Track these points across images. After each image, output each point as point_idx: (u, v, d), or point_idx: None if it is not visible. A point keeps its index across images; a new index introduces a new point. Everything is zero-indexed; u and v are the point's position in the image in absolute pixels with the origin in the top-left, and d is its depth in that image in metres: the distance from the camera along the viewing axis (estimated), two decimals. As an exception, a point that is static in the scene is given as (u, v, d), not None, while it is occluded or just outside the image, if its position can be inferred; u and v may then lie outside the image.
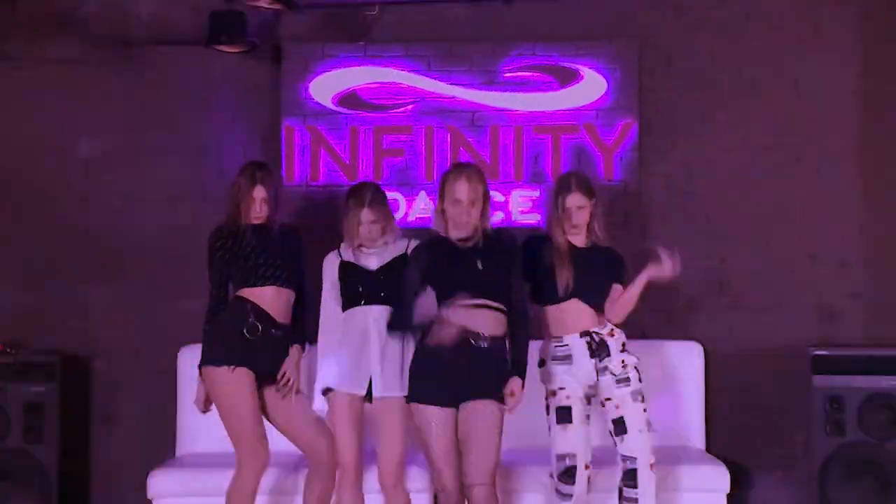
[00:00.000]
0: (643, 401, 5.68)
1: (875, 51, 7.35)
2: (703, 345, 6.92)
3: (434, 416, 5.36)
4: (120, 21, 7.29)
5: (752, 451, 7.05)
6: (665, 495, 5.87)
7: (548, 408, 5.69)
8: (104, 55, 7.45)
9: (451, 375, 5.33)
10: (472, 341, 5.31)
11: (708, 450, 6.78)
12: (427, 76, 7.46)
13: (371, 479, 5.82)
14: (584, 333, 5.67)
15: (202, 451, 6.82)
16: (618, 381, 5.65)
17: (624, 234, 6.62)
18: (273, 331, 5.64)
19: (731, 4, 7.38)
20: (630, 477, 5.59)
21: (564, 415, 5.60)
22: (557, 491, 5.62)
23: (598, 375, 5.67)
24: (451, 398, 5.37)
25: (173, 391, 7.06)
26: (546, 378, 5.71)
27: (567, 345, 5.67)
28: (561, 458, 5.58)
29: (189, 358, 6.77)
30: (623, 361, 5.68)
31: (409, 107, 7.45)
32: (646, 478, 5.57)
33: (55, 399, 6.80)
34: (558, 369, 5.67)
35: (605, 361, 5.66)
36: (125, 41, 7.40)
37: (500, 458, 5.42)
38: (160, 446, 7.05)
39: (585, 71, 7.39)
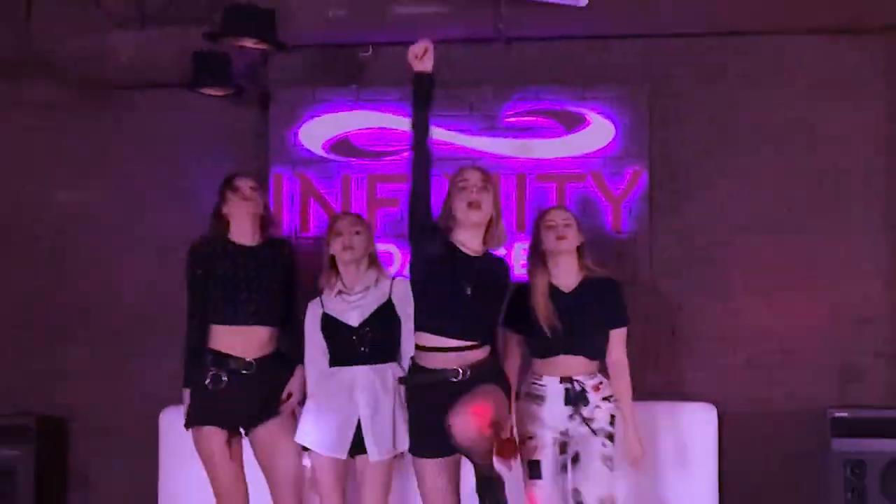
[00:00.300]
0: (609, 439, 5.33)
1: None
2: (716, 406, 6.65)
3: (427, 470, 5.16)
4: (99, 63, 7.16)
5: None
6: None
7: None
8: (83, 99, 7.42)
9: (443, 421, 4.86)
10: (453, 379, 5.01)
11: (721, 518, 6.55)
12: (424, 121, 7.33)
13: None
14: (566, 379, 5.33)
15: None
16: (582, 422, 5.32)
17: (632, 291, 6.40)
18: (244, 371, 5.53)
19: (750, 46, 7.26)
20: None
21: (534, 470, 5.31)
22: None
23: (569, 421, 5.33)
24: (449, 446, 4.93)
25: (154, 454, 6.92)
26: (517, 416, 5.40)
27: (544, 385, 5.36)
28: None
29: (171, 420, 6.71)
30: (597, 406, 5.35)
31: (405, 154, 6.81)
32: None
33: (30, 463, 6.79)
34: (529, 408, 5.38)
35: (583, 410, 5.34)
36: (105, 84, 7.33)
37: None
38: None
39: (592, 116, 7.25)
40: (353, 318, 5.50)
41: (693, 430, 6.65)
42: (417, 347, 5.12)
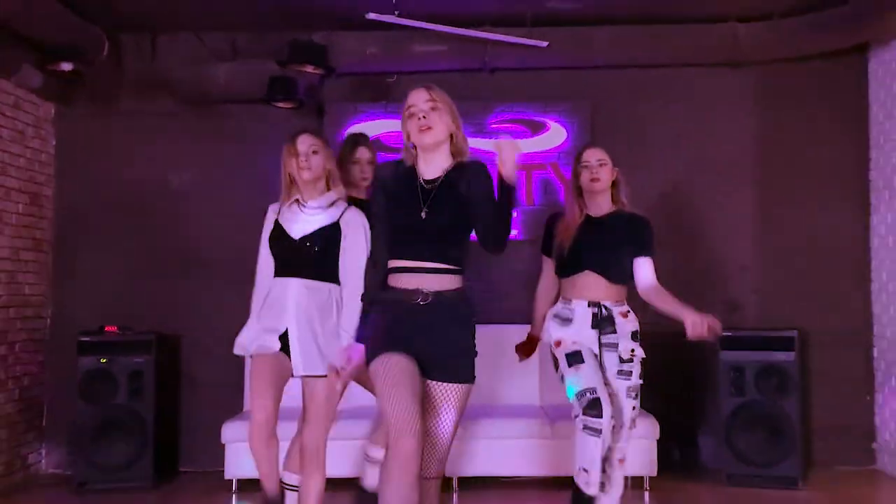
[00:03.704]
0: (636, 398, 4.37)
1: (766, 107, 7.31)
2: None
3: (383, 362, 3.46)
4: (203, 84, 7.08)
5: (674, 408, 6.79)
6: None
7: (555, 361, 4.32)
8: (191, 110, 7.33)
9: (407, 335, 3.50)
10: (420, 302, 3.50)
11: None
12: (433, 127, 7.20)
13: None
14: (593, 304, 4.28)
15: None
16: (619, 372, 4.30)
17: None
18: None
19: (661, 75, 7.29)
20: (602, 462, 4.32)
21: (575, 357, 4.20)
22: (586, 427, 4.12)
23: (601, 348, 4.30)
24: (411, 351, 3.50)
25: (242, 361, 6.57)
26: (547, 334, 4.41)
27: (572, 308, 4.29)
28: (582, 393, 4.12)
29: None
30: (633, 351, 4.34)
31: None
32: (617, 471, 4.37)
33: (152, 367, 6.57)
34: (559, 328, 4.32)
35: (611, 337, 4.30)
36: (207, 100, 7.24)
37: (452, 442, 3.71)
38: (232, 403, 6.89)
39: (551, 123, 7.26)
40: (296, 231, 4.16)
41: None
42: (388, 271, 3.59)
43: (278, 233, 4.22)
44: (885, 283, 6.83)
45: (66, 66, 6.31)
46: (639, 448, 5.91)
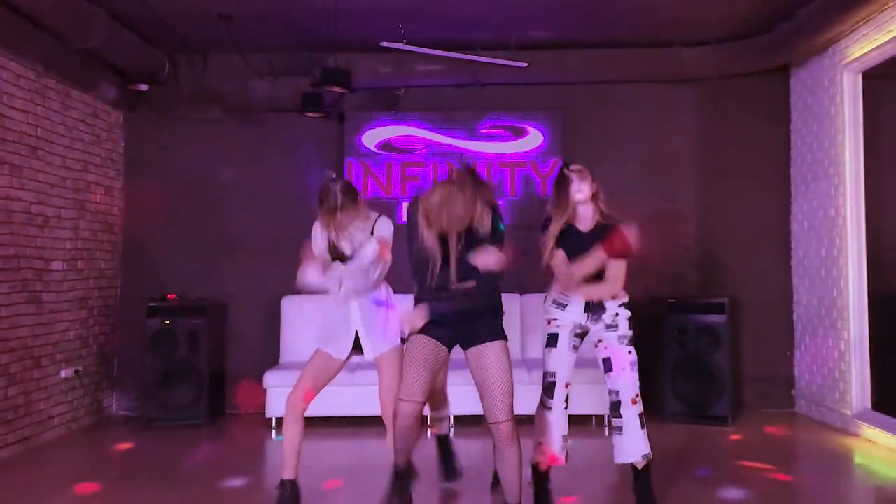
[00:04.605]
0: (629, 344, 4.45)
1: (706, 116, 7.61)
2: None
3: (417, 343, 4.13)
4: (246, 97, 7.41)
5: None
6: (575, 387, 4.92)
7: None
8: (235, 118, 7.66)
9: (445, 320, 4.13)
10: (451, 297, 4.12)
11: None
12: (433, 132, 7.54)
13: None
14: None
15: (296, 359, 7.01)
16: (607, 327, 4.45)
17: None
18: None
19: (620, 89, 7.64)
20: (615, 408, 4.45)
21: (552, 340, 4.46)
22: (542, 403, 4.51)
23: (591, 324, 4.49)
24: (445, 339, 4.16)
25: (278, 322, 7.34)
26: (545, 310, 4.56)
27: (569, 297, 4.46)
28: (545, 375, 4.47)
29: (288, 303, 7.22)
30: (616, 314, 4.45)
31: (423, 150, 7.50)
32: (629, 410, 4.42)
33: (206, 328, 7.05)
34: (555, 309, 4.49)
35: (599, 314, 4.47)
36: (249, 109, 7.56)
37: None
38: (271, 356, 7.33)
39: (530, 129, 7.55)
40: (347, 248, 4.43)
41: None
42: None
43: (332, 248, 4.43)
44: (801, 259, 7.39)
45: (143, 87, 6.86)
46: (600, 392, 6.25)
